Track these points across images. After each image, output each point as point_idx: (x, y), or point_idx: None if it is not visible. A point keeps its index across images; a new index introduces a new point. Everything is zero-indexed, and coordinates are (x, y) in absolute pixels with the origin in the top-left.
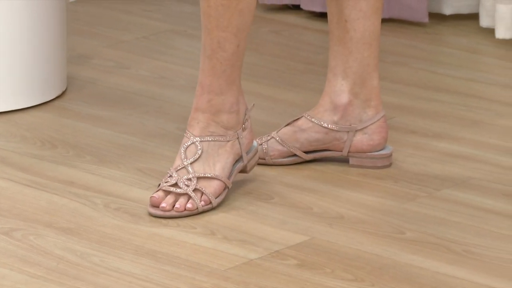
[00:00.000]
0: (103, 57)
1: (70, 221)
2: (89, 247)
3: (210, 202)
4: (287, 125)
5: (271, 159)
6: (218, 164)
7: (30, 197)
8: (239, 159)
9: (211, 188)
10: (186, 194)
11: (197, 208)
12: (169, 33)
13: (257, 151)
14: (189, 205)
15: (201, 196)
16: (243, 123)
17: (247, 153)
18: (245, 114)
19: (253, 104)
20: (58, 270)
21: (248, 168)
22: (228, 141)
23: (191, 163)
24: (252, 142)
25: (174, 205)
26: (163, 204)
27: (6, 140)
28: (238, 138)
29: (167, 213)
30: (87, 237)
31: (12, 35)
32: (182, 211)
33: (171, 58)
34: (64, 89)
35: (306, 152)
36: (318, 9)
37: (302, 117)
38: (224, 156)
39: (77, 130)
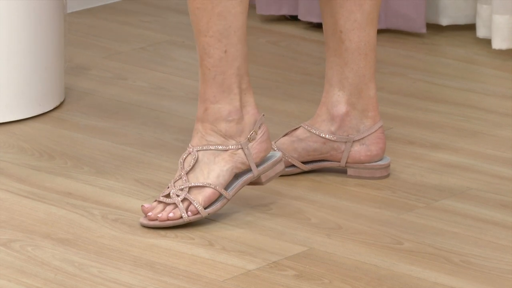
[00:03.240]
0: (100, 68)
1: (68, 232)
2: (87, 258)
3: (199, 212)
4: (285, 135)
5: None
6: (213, 173)
7: (28, 208)
8: (247, 170)
9: (200, 196)
10: (174, 203)
11: (181, 217)
12: (166, 44)
13: (277, 162)
14: (171, 214)
15: (189, 206)
16: (249, 133)
17: (262, 164)
18: (254, 125)
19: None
20: (56, 281)
21: (263, 179)
22: (227, 150)
23: (187, 173)
24: (265, 152)
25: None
26: (149, 213)
27: (4, 151)
28: (242, 148)
29: (151, 223)
30: (85, 248)
31: (10, 46)
32: (164, 220)
33: (169, 69)
34: (62, 100)
35: (304, 163)
36: (315, 19)
37: (300, 127)
38: (221, 165)
39: (75, 141)
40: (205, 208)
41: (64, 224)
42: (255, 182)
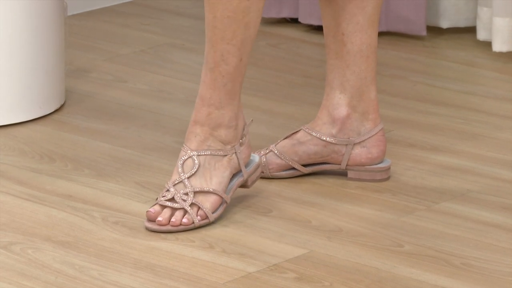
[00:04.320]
0: (101, 70)
1: (68, 235)
2: (88, 260)
3: (207, 217)
4: (286, 138)
5: (270, 172)
6: (215, 179)
7: (29, 211)
8: (237, 173)
9: (207, 202)
10: (183, 208)
11: (193, 223)
12: (167, 47)
13: (259, 165)
14: (184, 220)
15: (198, 211)
16: (241, 138)
17: (246, 167)
18: (243, 129)
19: (251, 120)
20: (57, 284)
21: (249, 183)
22: (225, 155)
23: (188, 178)
24: (250, 156)
25: (170, 220)
26: (159, 218)
27: (5, 154)
28: (235, 152)
29: (163, 228)
30: (86, 250)
31: (11, 48)
32: (177, 226)
33: (169, 71)
34: (62, 103)
35: (304, 165)
36: (316, 22)
37: (300, 130)
38: (221, 170)
39: (75, 144)
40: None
41: (64, 227)
42: (242, 186)
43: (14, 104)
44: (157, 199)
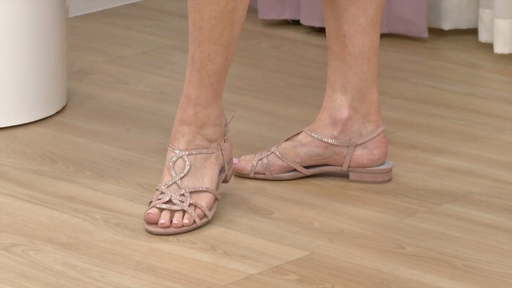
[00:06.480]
0: (102, 72)
1: (70, 237)
2: (89, 262)
3: (205, 215)
4: (287, 140)
5: (272, 174)
6: (206, 177)
7: (30, 213)
8: (221, 169)
9: (203, 201)
10: (182, 210)
11: (194, 222)
12: (168, 48)
13: (232, 159)
14: (185, 221)
15: (195, 210)
16: (225, 135)
17: (228, 163)
18: (226, 126)
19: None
20: (58, 286)
21: (228, 178)
22: (213, 153)
23: (181, 178)
24: (231, 152)
25: (171, 221)
26: (162, 221)
27: (6, 156)
28: (221, 149)
29: (169, 230)
30: (87, 252)
31: (12, 50)
32: (180, 227)
33: (171, 73)
34: (64, 105)
35: (306, 167)
36: (317, 24)
37: (302, 132)
38: (211, 168)
39: (77, 146)
40: None
41: (66, 229)
42: (223, 181)
43: (15, 105)
44: (151, 202)
